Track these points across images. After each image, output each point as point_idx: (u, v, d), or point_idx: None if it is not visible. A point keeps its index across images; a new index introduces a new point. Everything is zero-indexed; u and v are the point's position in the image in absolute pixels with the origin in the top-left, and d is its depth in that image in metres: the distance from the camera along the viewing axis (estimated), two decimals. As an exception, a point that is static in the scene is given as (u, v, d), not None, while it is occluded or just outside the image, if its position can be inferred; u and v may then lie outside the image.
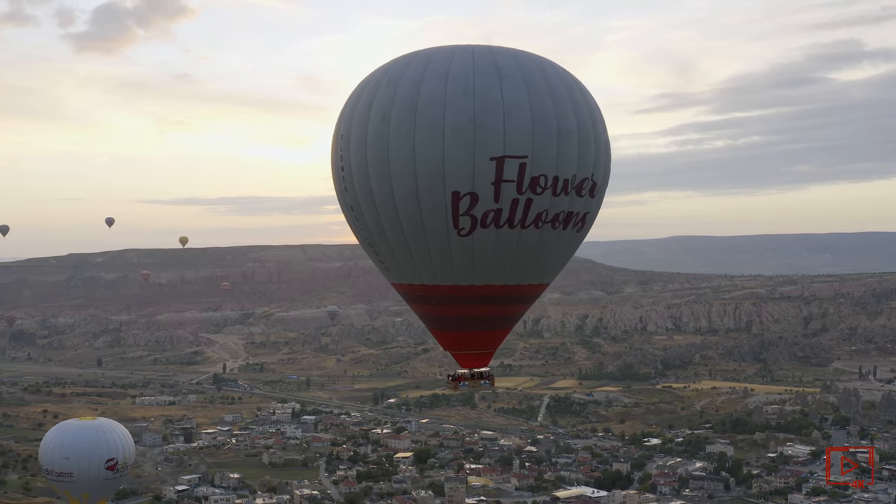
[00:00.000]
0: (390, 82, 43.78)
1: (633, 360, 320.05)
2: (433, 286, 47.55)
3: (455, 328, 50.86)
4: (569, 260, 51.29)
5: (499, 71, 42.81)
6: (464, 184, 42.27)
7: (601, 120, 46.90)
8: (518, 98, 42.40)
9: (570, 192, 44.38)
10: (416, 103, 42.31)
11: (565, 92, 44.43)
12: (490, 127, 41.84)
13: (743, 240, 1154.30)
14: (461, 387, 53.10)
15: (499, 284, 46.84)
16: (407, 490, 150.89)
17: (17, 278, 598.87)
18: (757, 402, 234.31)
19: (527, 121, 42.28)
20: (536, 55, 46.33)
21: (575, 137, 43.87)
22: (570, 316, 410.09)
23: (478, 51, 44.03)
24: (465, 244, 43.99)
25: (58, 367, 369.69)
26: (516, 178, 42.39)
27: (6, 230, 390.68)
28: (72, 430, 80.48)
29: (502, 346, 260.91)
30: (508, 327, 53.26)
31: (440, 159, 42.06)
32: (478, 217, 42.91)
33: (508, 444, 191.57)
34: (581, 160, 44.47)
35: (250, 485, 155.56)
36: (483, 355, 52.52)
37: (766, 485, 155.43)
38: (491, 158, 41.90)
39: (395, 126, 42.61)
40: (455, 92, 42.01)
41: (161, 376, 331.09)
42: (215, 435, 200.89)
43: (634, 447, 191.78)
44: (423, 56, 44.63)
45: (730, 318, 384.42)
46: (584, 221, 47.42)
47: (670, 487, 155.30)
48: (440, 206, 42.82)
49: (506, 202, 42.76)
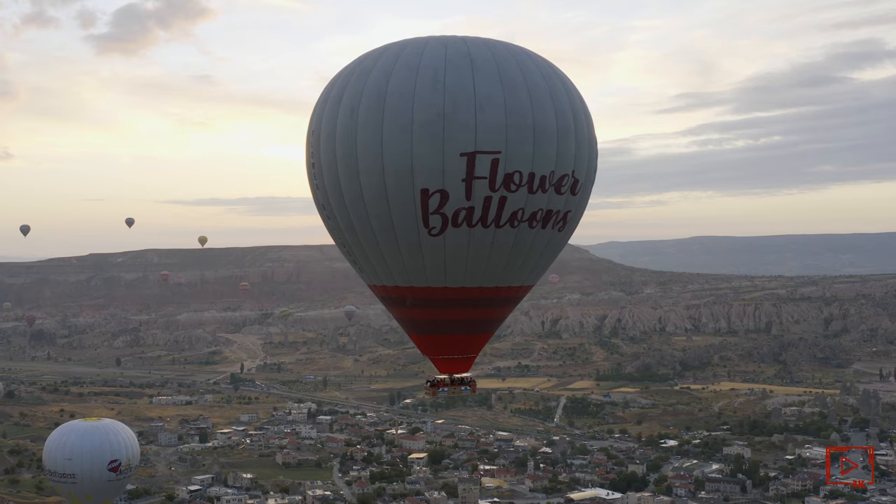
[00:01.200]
0: (361, 75, 42.16)
1: (652, 361, 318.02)
2: (406, 288, 45.72)
3: (431, 332, 48.82)
4: (552, 261, 48.85)
5: (472, 63, 40.96)
6: (433, 181, 40.53)
7: (585, 114, 44.85)
8: (491, 91, 40.55)
9: (548, 189, 42.30)
10: (384, 97, 40.65)
11: (543, 84, 42.29)
12: (460, 121, 40.06)
13: (765, 240, 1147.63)
14: (440, 393, 50.56)
15: (475, 287, 44.84)
16: (420, 491, 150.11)
17: (38, 278, 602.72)
18: (775, 404, 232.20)
19: (500, 115, 40.41)
20: (516, 46, 44.22)
21: (553, 132, 41.84)
22: (589, 316, 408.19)
23: (452, 42, 42.13)
24: (437, 244, 42.19)
25: (77, 366, 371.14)
26: (488, 174, 40.54)
27: (27, 230, 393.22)
28: (75, 431, 79.99)
29: (520, 346, 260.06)
30: (489, 332, 51.04)
31: (408, 156, 40.36)
32: (448, 216, 41.14)
33: (524, 446, 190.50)
34: (560, 156, 42.38)
35: (263, 485, 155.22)
36: (463, 360, 50.05)
37: (784, 487, 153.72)
38: (461, 154, 40.21)
39: (363, 121, 41.02)
40: (424, 85, 40.30)
41: (179, 376, 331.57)
42: (230, 435, 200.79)
43: (651, 449, 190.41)
44: (397, 47, 42.86)
45: (749, 319, 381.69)
46: (566, 220, 45.18)
47: (686, 490, 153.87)
48: (409, 204, 41.15)
49: (478, 200, 40.93)
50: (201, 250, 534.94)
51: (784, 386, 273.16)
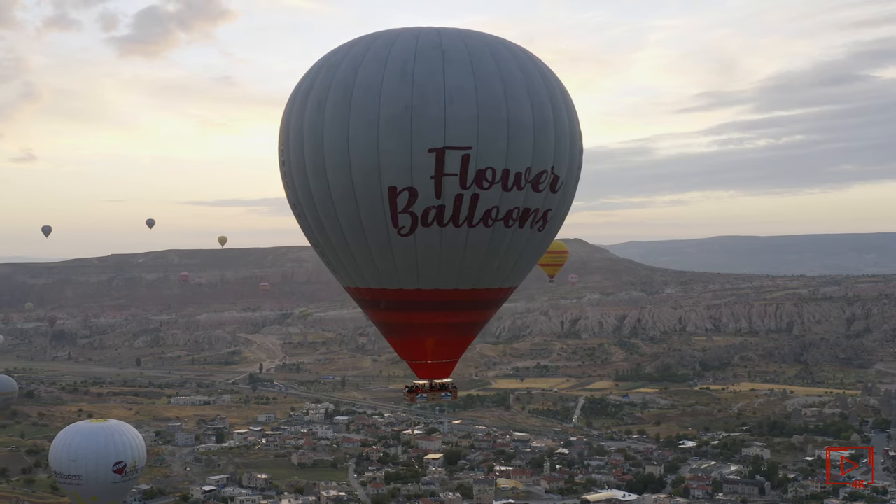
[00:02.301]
0: (330, 68, 40.36)
1: (671, 362, 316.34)
2: (379, 290, 43.91)
3: (407, 336, 46.91)
4: (534, 262, 46.66)
5: (443, 54, 38.85)
6: (401, 178, 38.55)
7: (567, 108, 42.29)
8: (462, 83, 38.40)
9: (524, 186, 40.06)
10: (351, 91, 38.75)
11: (520, 76, 40.04)
12: (429, 115, 37.98)
13: (787, 240, 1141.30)
14: (419, 399, 48.32)
15: (450, 289, 42.77)
16: (435, 492, 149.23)
17: (60, 279, 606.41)
18: (796, 405, 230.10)
19: (471, 108, 38.25)
20: (493, 36, 42.02)
21: (529, 126, 39.54)
22: (609, 316, 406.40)
23: (425, 33, 40.17)
24: (408, 244, 40.22)
25: (97, 366, 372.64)
26: (459, 171, 38.41)
27: (48, 231, 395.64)
28: (80, 432, 79.66)
29: (539, 346, 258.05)
30: (470, 336, 48.92)
31: (374, 152, 38.44)
32: (418, 214, 39.15)
33: (540, 447, 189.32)
34: (537, 151, 40.05)
35: (278, 485, 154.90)
36: (442, 365, 47.82)
37: (803, 489, 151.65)
38: (430, 150, 38.13)
39: (330, 116, 39.17)
40: (392, 78, 38.34)
41: (198, 376, 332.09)
42: (246, 435, 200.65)
43: (669, 450, 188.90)
44: (369, 39, 41.04)
45: (770, 319, 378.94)
46: (547, 219, 42.74)
47: (703, 491, 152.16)
48: (377, 202, 39.22)
49: (448, 198, 38.82)
50: (222, 251, 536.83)
51: (805, 386, 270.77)
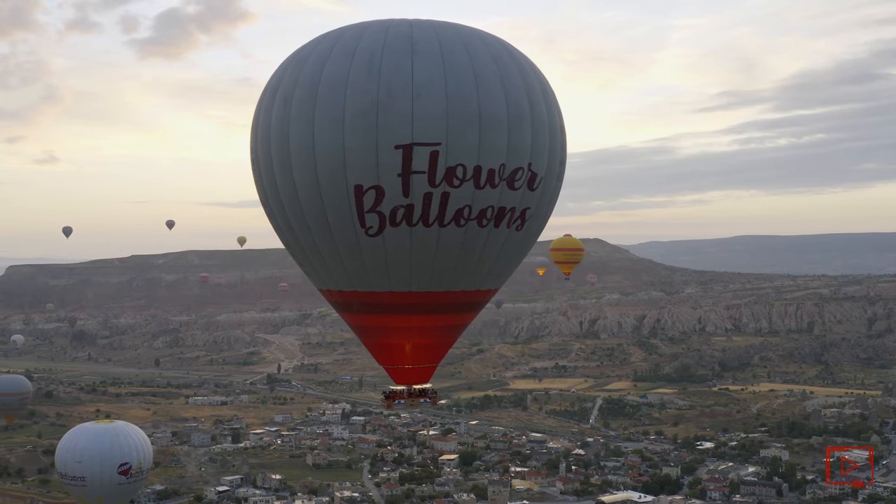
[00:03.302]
0: (298, 63, 38.98)
1: (690, 362, 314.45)
2: (350, 293, 42.52)
3: (382, 340, 45.47)
4: (515, 263, 44.49)
5: (412, 47, 37.19)
6: (367, 176, 36.93)
7: (547, 102, 40.32)
8: (431, 76, 36.67)
9: (498, 184, 38.18)
10: (316, 86, 37.21)
11: (494, 69, 38.15)
12: (395, 110, 36.30)
13: (809, 239, 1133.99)
14: (396, 405, 47.46)
15: (422, 291, 41.06)
16: (449, 493, 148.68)
17: (80, 279, 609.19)
18: (815, 405, 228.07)
19: (440, 102, 36.52)
20: (469, 27, 40.27)
21: (503, 121, 37.72)
22: (628, 317, 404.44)
23: (396, 24, 38.54)
24: (376, 245, 38.67)
25: (117, 367, 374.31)
26: (427, 168, 36.65)
27: (69, 231, 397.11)
28: (86, 433, 79.27)
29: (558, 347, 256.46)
30: (448, 339, 46.96)
31: (340, 149, 36.79)
32: (386, 214, 37.54)
33: (556, 447, 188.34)
34: (513, 147, 38.18)
35: (292, 486, 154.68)
36: (420, 370, 46.25)
37: (821, 491, 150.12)
38: (396, 147, 36.46)
39: (296, 111, 37.70)
40: (358, 71, 36.68)
41: (216, 376, 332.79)
42: (262, 435, 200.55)
43: (686, 451, 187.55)
44: (338, 32, 39.54)
45: (791, 319, 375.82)
46: (525, 218, 40.71)
47: (720, 493, 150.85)
48: (343, 202, 37.63)
49: (417, 197, 37.09)
50: (241, 251, 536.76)
51: (825, 387, 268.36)
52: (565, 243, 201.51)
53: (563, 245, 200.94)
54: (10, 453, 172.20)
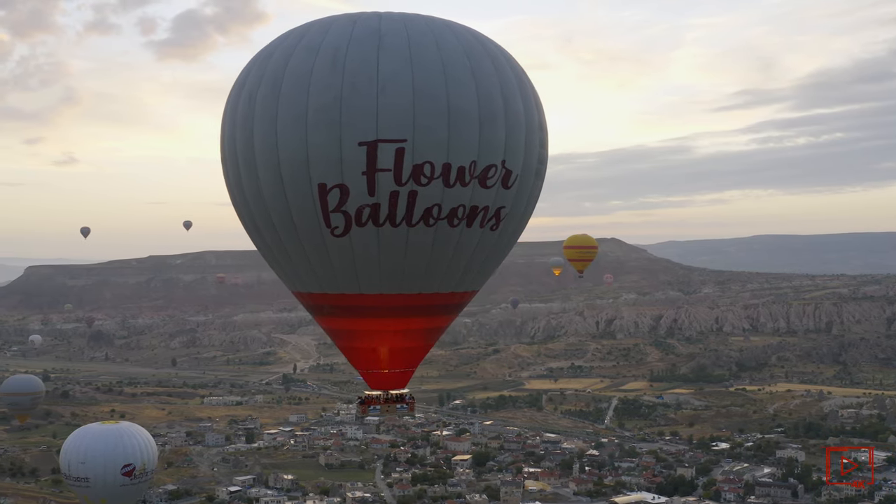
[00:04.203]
0: (264, 59, 38.03)
1: (707, 362, 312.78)
2: (320, 295, 41.33)
3: (355, 344, 43.95)
4: (493, 264, 43.06)
5: (379, 39, 35.86)
6: (330, 175, 35.67)
7: (523, 96, 38.81)
8: (396, 70, 35.36)
9: (469, 182, 36.66)
10: (280, 82, 36.12)
11: (464, 62, 36.69)
12: (359, 106, 35.06)
13: (828, 238, 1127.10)
14: (371, 411, 45.56)
15: (393, 294, 39.65)
16: (461, 494, 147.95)
17: (99, 280, 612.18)
18: (832, 406, 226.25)
19: (406, 97, 35.22)
20: (442, 20, 38.85)
21: (474, 116, 36.22)
22: (645, 316, 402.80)
23: (364, 17, 37.26)
24: (343, 246, 37.44)
25: (133, 367, 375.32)
26: (393, 166, 35.35)
27: (87, 232, 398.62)
28: (90, 434, 78.90)
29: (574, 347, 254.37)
30: (425, 343, 45.21)
31: (303, 146, 35.66)
32: (351, 214, 36.29)
33: (570, 448, 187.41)
34: (484, 144, 36.65)
35: (304, 486, 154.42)
36: (397, 375, 44.59)
37: (837, 492, 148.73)
38: (360, 143, 35.16)
39: (260, 108, 36.66)
40: (322, 66, 35.47)
41: (232, 376, 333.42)
42: (276, 435, 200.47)
43: (701, 452, 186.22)
44: (305, 27, 38.44)
45: (809, 319, 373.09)
46: (500, 218, 39.12)
47: (735, 494, 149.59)
48: (308, 201, 36.48)
49: (383, 196, 35.81)
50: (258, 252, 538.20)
51: (843, 387, 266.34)
52: (579, 241, 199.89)
53: (576, 243, 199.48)
54: (25, 453, 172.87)
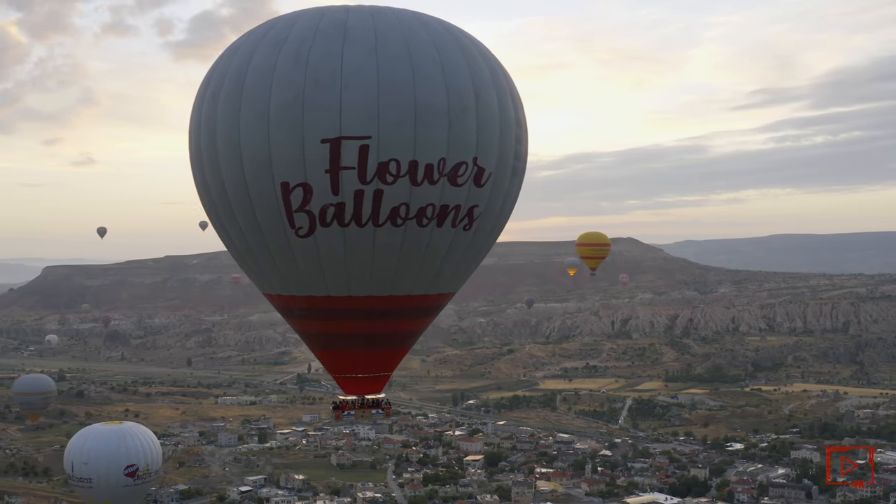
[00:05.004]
0: (230, 55, 36.85)
1: (723, 362, 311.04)
2: (289, 297, 40.00)
3: (327, 347, 42.49)
4: (470, 265, 41.49)
5: (345, 33, 34.46)
6: (293, 173, 34.42)
7: (499, 91, 37.28)
8: (361, 64, 34.00)
9: (438, 180, 35.27)
10: (244, 77, 34.91)
11: (434, 55, 35.27)
12: (321, 102, 33.84)
13: (846, 237, 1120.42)
14: (345, 416, 44.11)
15: (363, 296, 38.19)
16: (473, 494, 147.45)
17: (115, 280, 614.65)
18: (848, 406, 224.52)
19: (371, 92, 33.85)
20: (413, 12, 37.40)
21: (443, 111, 34.81)
22: (660, 316, 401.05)
23: (331, 11, 35.91)
24: (308, 247, 36.19)
25: (149, 366, 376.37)
26: (357, 164, 34.04)
27: (104, 232, 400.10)
28: (93, 434, 78.87)
29: (589, 346, 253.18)
30: (400, 347, 43.79)
31: (265, 144, 34.44)
32: (315, 213, 35.03)
33: (583, 448, 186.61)
34: (454, 140, 35.17)
35: (314, 486, 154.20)
36: (372, 380, 43.22)
37: (852, 493, 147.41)
38: (323, 141, 33.81)
39: (223, 105, 35.51)
40: (286, 61, 34.30)
41: (247, 376, 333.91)
42: (289, 435, 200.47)
43: (715, 452, 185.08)
44: (272, 21, 37.22)
45: (826, 319, 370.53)
46: (473, 217, 37.52)
47: (748, 495, 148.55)
48: (271, 200, 35.25)
49: (347, 195, 34.47)
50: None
51: (860, 387, 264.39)
52: (591, 238, 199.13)
53: (588, 240, 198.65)
54: (38, 452, 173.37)
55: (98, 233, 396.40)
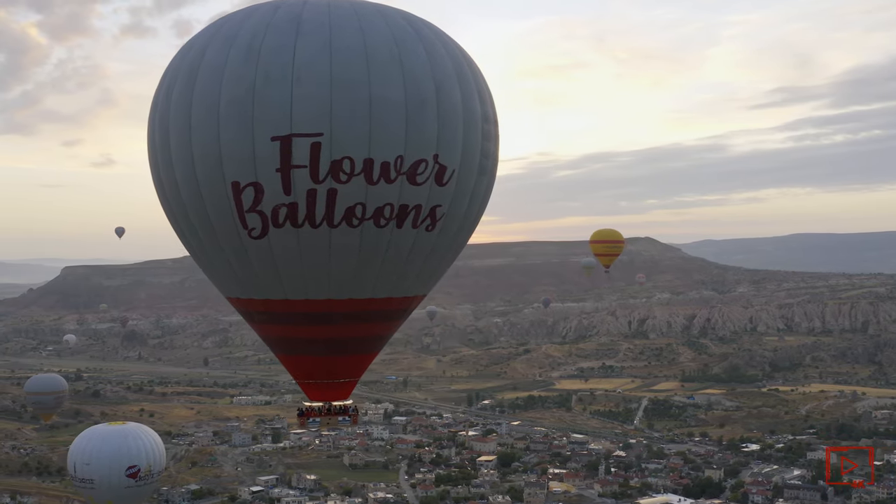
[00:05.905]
0: (184, 52, 36.11)
1: (740, 362, 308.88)
2: (247, 300, 38.96)
3: (290, 352, 41.27)
4: (438, 266, 40.12)
5: (298, 26, 33.24)
6: (244, 172, 33.31)
7: (462, 85, 35.80)
8: (313, 58, 32.74)
9: (395, 179, 33.91)
10: (196, 73, 34.04)
11: (392, 48, 33.95)
12: (272, 97, 32.61)
13: (866, 237, 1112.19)
14: (310, 423, 43.05)
15: (321, 300, 36.96)
16: (485, 495, 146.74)
17: (134, 280, 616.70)
18: (866, 407, 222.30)
19: (323, 87, 32.57)
20: (374, 4, 35.99)
21: (400, 106, 33.52)
22: (677, 316, 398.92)
23: (287, 4, 34.58)
24: (262, 249, 35.03)
25: (166, 366, 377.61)
26: (309, 162, 32.82)
27: (122, 232, 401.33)
28: (96, 435, 78.60)
29: (605, 346, 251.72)
30: (366, 352, 42.28)
31: (215, 142, 33.37)
32: (267, 214, 33.89)
33: (597, 449, 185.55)
34: (412, 137, 33.87)
35: (326, 486, 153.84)
36: (337, 386, 41.91)
37: (868, 495, 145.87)
38: (273, 138, 32.68)
39: (175, 104, 34.68)
40: (237, 56, 33.21)
41: (263, 376, 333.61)
42: (302, 435, 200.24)
43: (730, 453, 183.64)
44: (228, 16, 36.02)
45: (845, 319, 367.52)
46: (436, 218, 36.09)
47: (763, 496, 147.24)
48: (223, 200, 34.19)
49: (300, 194, 33.32)
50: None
51: (878, 388, 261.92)
52: (605, 235, 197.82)
53: (602, 237, 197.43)
54: (52, 452, 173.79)
55: (116, 233, 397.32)
